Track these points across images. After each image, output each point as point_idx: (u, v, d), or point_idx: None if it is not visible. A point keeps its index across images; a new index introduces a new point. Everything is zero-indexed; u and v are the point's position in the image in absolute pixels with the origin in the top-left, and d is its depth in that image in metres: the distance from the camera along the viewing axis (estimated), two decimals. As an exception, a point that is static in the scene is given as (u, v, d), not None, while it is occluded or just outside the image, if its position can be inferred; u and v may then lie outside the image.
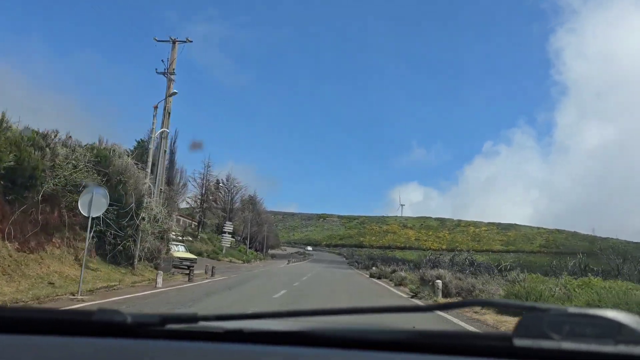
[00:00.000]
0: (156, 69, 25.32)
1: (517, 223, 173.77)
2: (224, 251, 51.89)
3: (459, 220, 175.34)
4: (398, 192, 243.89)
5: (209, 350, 1.12)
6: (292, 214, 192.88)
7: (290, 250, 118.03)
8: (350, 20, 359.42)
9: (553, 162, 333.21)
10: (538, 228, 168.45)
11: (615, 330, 0.90)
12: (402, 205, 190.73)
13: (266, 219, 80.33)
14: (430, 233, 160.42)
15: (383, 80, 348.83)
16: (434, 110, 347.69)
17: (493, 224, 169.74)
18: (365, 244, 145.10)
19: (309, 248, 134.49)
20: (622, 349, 0.89)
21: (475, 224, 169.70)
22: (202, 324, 1.14)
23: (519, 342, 0.95)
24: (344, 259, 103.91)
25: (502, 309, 11.29)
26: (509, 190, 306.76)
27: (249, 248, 67.69)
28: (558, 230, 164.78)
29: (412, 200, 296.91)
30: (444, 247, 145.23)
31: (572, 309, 0.96)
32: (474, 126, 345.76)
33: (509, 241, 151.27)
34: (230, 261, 47.40)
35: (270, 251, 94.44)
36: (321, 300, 15.55)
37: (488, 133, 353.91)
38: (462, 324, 10.86)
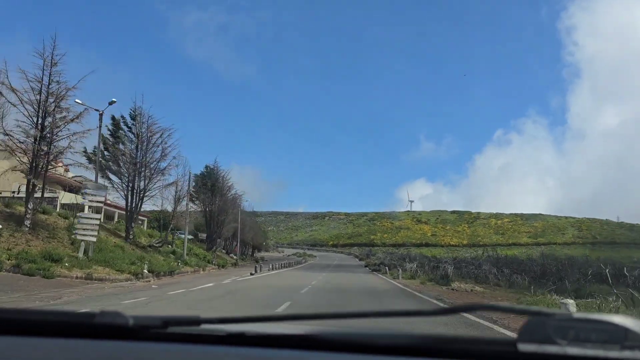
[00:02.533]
0: None
1: (542, 213, 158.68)
2: (82, 253, 22.19)
3: (478, 213, 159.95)
4: (406, 190, 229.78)
5: (211, 353, 1.10)
6: (296, 213, 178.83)
7: (289, 251, 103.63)
8: (353, 17, 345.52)
9: (568, 147, 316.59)
10: (566, 217, 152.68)
11: (622, 336, 0.88)
12: (411, 201, 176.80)
13: (233, 202, 55.05)
14: (448, 227, 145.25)
15: (386, 75, 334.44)
16: (440, 103, 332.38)
17: (516, 214, 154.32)
18: (376, 242, 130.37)
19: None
20: (628, 354, 0.87)
21: (497, 216, 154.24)
22: (204, 326, 1.13)
23: (523, 347, 0.92)
24: (357, 260, 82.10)
25: (507, 313, 10.02)
26: (522, 179, 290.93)
27: (210, 248, 46.53)
28: (588, 219, 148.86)
29: (420, 195, 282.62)
30: (464, 242, 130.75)
31: (577, 314, 0.93)
32: (483, 117, 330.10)
33: (536, 233, 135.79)
34: (88, 277, 19.72)
35: (260, 254, 77.58)
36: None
37: (498, 122, 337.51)
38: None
